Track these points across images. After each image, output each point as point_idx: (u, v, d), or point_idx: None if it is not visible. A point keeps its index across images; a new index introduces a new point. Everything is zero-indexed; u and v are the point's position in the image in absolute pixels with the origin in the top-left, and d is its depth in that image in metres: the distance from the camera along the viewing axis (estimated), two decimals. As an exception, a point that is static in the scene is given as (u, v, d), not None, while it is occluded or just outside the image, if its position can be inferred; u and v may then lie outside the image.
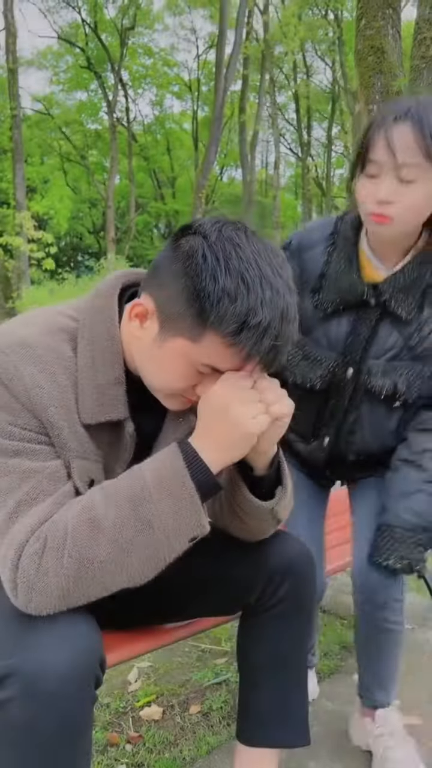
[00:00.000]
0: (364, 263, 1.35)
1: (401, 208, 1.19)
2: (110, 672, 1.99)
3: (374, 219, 1.22)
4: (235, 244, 0.89)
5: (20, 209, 13.19)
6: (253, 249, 0.90)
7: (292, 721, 1.24)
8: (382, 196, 1.18)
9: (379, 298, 1.32)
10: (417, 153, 1.14)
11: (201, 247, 0.89)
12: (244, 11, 15.64)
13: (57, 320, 1.03)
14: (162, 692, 1.89)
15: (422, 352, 1.34)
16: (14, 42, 15.70)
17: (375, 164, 1.19)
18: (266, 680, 1.23)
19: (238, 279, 0.86)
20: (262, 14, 19.31)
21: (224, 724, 1.73)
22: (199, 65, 27.02)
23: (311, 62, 26.18)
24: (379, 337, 1.35)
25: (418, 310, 1.31)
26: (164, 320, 0.94)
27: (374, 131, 1.18)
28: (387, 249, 1.33)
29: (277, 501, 1.08)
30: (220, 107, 14.64)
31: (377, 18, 3.95)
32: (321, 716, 1.75)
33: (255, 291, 0.87)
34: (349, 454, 1.49)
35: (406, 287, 1.30)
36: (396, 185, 1.18)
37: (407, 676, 1.95)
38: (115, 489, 0.92)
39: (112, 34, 23.32)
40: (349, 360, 1.37)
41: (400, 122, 1.15)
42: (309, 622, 1.25)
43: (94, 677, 0.89)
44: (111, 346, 1.01)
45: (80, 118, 27.25)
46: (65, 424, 0.97)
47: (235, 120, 20.36)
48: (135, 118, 29.07)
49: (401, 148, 1.15)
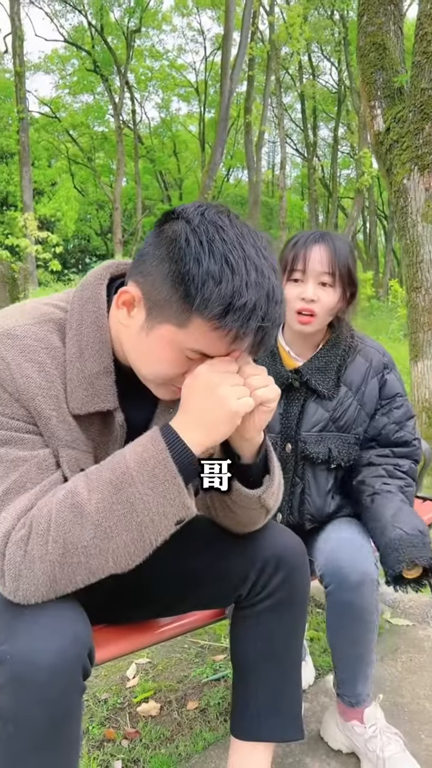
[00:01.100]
0: (284, 355, 1.62)
1: (321, 306, 1.51)
2: (108, 667, 2.00)
3: (301, 319, 1.52)
4: (218, 226, 0.88)
5: (27, 211, 13.26)
6: (237, 231, 0.89)
7: (286, 715, 1.23)
8: (309, 294, 1.50)
9: (302, 380, 1.56)
10: (330, 265, 1.50)
11: (184, 231, 0.88)
12: (250, 12, 15.63)
13: (45, 310, 1.03)
14: (160, 688, 1.88)
15: (345, 423, 1.57)
16: (21, 46, 15.78)
17: (299, 272, 1.52)
18: (259, 674, 1.22)
19: (222, 261, 0.86)
20: (267, 15, 19.32)
21: (221, 720, 1.72)
22: (206, 67, 27.09)
23: (317, 62, 26.18)
24: (307, 413, 1.57)
25: (336, 387, 1.57)
26: (151, 307, 0.93)
27: (299, 248, 1.52)
28: (304, 345, 1.61)
29: (265, 489, 1.08)
30: (226, 108, 14.64)
31: (379, 14, 3.93)
32: (319, 713, 1.74)
33: (239, 273, 0.86)
34: (305, 523, 1.60)
35: (322, 368, 1.57)
36: (317, 288, 1.51)
37: (408, 675, 1.94)
38: (98, 474, 0.92)
39: (118, 36, 23.42)
40: (286, 436, 1.58)
41: (318, 243, 1.52)
42: (302, 614, 1.24)
43: (81, 667, 0.88)
44: (99, 335, 1.01)
45: (87, 121, 27.35)
46: (54, 414, 0.97)
47: (242, 121, 20.37)
48: (141, 120, 29.19)
49: (321, 261, 1.50)
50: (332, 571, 1.43)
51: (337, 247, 1.52)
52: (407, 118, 3.86)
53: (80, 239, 30.91)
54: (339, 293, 1.53)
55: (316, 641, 2.13)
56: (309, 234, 1.55)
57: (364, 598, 1.41)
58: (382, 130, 4.08)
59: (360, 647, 1.48)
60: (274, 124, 23.33)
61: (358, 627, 1.45)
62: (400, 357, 4.41)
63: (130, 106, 25.00)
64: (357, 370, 1.59)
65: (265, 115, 20.33)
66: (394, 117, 3.96)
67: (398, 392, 1.61)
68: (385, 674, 1.93)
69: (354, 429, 1.59)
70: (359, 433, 1.60)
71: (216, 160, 14.85)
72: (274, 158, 34.10)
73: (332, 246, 1.52)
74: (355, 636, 1.46)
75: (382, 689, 1.84)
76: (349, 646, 1.48)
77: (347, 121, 24.60)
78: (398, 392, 1.61)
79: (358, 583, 1.40)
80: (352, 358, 1.59)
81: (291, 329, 1.59)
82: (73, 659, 0.86)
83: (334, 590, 1.43)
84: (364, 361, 1.60)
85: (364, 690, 1.53)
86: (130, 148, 24.59)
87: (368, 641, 1.48)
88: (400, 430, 1.60)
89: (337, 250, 1.52)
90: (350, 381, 1.58)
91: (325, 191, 27.81)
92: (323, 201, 28.42)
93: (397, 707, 1.77)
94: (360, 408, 1.58)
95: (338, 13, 21.03)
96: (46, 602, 0.89)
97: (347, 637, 1.47)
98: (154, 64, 26.80)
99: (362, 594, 1.41)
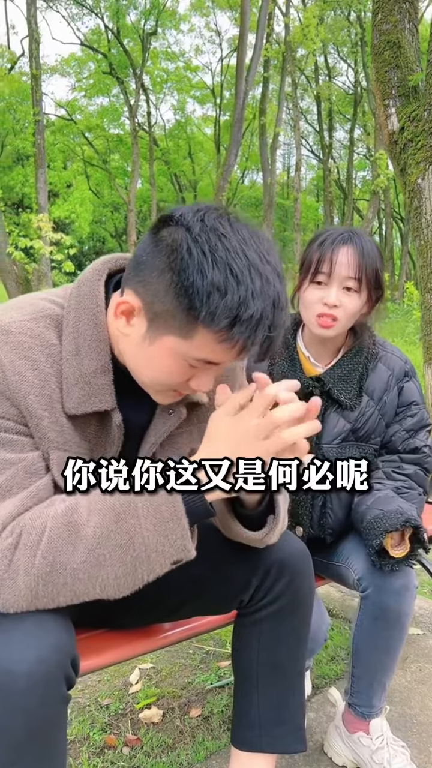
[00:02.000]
0: (303, 361, 1.55)
1: (345, 311, 1.43)
2: (111, 672, 1.97)
3: (321, 321, 1.44)
4: (219, 234, 0.84)
5: (42, 213, 13.33)
6: (239, 237, 0.85)
7: (288, 725, 1.19)
8: (332, 299, 1.41)
9: (323, 388, 1.49)
10: (357, 270, 1.42)
11: (185, 240, 0.84)
12: (265, 14, 15.58)
13: (42, 306, 0.99)
14: (163, 694, 1.85)
15: (365, 434, 1.52)
16: (37, 48, 15.85)
17: (324, 275, 1.42)
18: (261, 682, 1.19)
19: (227, 271, 0.82)
20: (283, 17, 19.27)
21: (224, 728, 1.68)
22: (222, 69, 27.08)
23: (334, 64, 26.07)
24: (328, 424, 1.50)
25: (358, 396, 1.50)
26: (152, 318, 0.90)
27: (326, 249, 1.43)
28: (323, 350, 1.55)
29: (267, 531, 1.06)
30: (241, 110, 14.60)
31: (393, 12, 3.87)
32: (324, 723, 1.69)
33: (245, 282, 0.82)
34: (326, 537, 1.57)
35: (344, 376, 1.50)
36: (341, 293, 1.42)
37: (417, 686, 1.89)
38: (102, 495, 0.89)
39: (134, 39, 23.50)
40: None
41: (346, 244, 1.42)
42: (306, 621, 1.20)
43: (63, 676, 0.85)
44: (96, 333, 0.97)
45: (102, 124, 27.48)
46: (46, 414, 0.94)
47: (257, 123, 20.33)
48: (156, 122, 29.25)
49: (348, 264, 1.41)
50: (373, 574, 1.39)
51: (365, 249, 1.43)
52: (422, 116, 3.79)
53: (95, 241, 31.08)
54: (364, 298, 1.46)
55: (323, 649, 2.09)
56: (336, 234, 1.45)
57: (403, 604, 1.39)
58: (396, 129, 4.02)
59: (388, 656, 1.45)
60: (290, 126, 23.28)
61: (391, 634, 1.42)
62: (416, 360, 4.33)
63: (145, 108, 25.11)
64: (379, 379, 1.53)
65: (280, 117, 20.27)
66: (408, 116, 3.89)
67: (414, 400, 1.56)
68: (394, 684, 1.88)
69: (373, 439, 1.54)
70: (377, 443, 1.55)
71: (230, 162, 14.81)
72: (289, 160, 34.05)
73: (360, 248, 1.43)
74: (386, 643, 1.44)
75: (390, 700, 1.79)
76: (378, 654, 1.45)
77: (363, 122, 24.46)
78: (414, 400, 1.56)
79: (401, 588, 1.38)
80: (373, 366, 1.53)
81: (311, 332, 1.52)
82: (53, 668, 0.83)
83: (373, 594, 1.40)
84: (387, 369, 1.54)
85: (379, 702, 1.49)
86: (145, 150, 24.65)
87: (397, 650, 1.46)
88: (410, 438, 1.55)
89: (365, 252, 1.43)
90: (372, 390, 1.52)
91: (341, 193, 27.67)
92: (338, 203, 28.26)
93: (405, 719, 1.73)
94: (381, 418, 1.53)
95: (355, 14, 20.91)
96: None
97: (378, 644, 1.44)
98: (169, 66, 26.87)
99: (403, 599, 1.39)
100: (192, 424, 1.12)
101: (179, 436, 1.11)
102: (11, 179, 25.04)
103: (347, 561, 1.50)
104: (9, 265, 11.19)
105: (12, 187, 24.82)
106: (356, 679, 1.49)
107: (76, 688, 1.89)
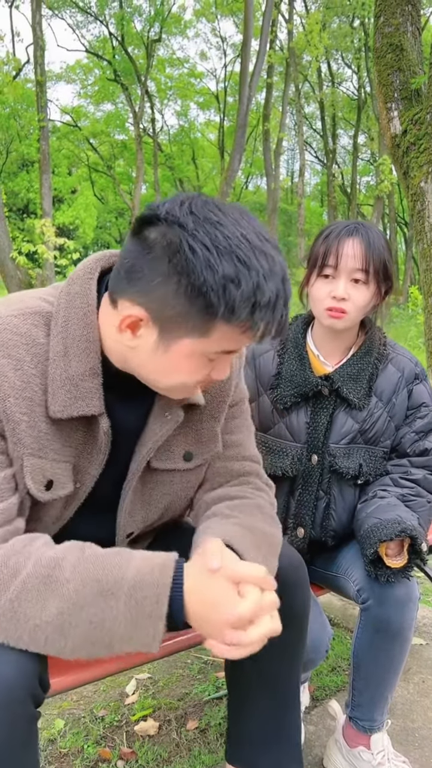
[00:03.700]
0: (313, 359, 1.52)
1: (354, 303, 1.41)
2: (108, 683, 1.93)
3: (332, 313, 1.41)
4: (214, 223, 0.81)
5: (46, 218, 13.36)
6: (232, 220, 0.83)
7: (284, 743, 1.15)
8: (340, 292, 1.39)
9: (332, 387, 1.47)
10: (364, 261, 1.39)
11: (183, 238, 0.80)
12: (269, 20, 15.62)
13: (31, 303, 0.96)
14: (159, 706, 1.81)
15: (373, 436, 1.49)
16: (42, 55, 15.93)
17: (331, 268, 1.41)
18: (255, 699, 1.15)
19: (234, 260, 0.80)
20: (286, 23, 19.32)
21: (221, 742, 1.64)
22: (227, 76, 27.17)
23: (337, 69, 26.10)
24: (336, 424, 1.48)
25: (367, 396, 1.48)
26: (163, 324, 0.86)
27: (331, 241, 1.41)
28: (333, 348, 1.52)
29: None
30: (244, 115, 14.62)
31: (396, 15, 3.85)
32: (324, 737, 1.65)
33: (254, 267, 0.81)
34: (328, 540, 1.54)
35: (353, 375, 1.48)
36: (349, 285, 1.40)
37: (420, 698, 1.84)
38: (94, 560, 0.85)
39: (139, 46, 23.60)
40: (312, 447, 1.49)
41: (352, 236, 1.40)
42: (301, 635, 1.16)
43: (29, 695, 0.82)
44: (87, 333, 0.93)
45: (107, 130, 27.59)
46: (24, 418, 0.90)
47: (261, 129, 20.36)
48: (161, 128, 29.36)
49: (354, 256, 1.39)
50: (373, 585, 1.36)
51: (371, 240, 1.40)
52: (425, 120, 3.77)
53: (99, 246, 31.13)
54: (373, 290, 1.43)
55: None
56: (342, 226, 1.43)
57: (405, 616, 1.35)
58: (398, 132, 3.99)
59: (390, 669, 1.40)
60: (294, 132, 23.30)
61: (393, 646, 1.38)
62: (417, 364, 4.30)
63: (150, 114, 25.17)
64: (388, 380, 1.50)
65: (283, 122, 20.31)
66: (411, 119, 3.87)
67: (424, 402, 1.52)
68: (396, 696, 1.83)
69: (382, 442, 1.51)
70: (387, 446, 1.52)
71: (234, 167, 14.82)
72: (293, 165, 34.07)
73: (367, 239, 1.40)
74: (388, 656, 1.39)
75: (392, 713, 1.74)
76: (379, 667, 1.40)
77: (367, 127, 24.47)
78: (424, 402, 1.52)
79: (402, 599, 1.34)
80: (383, 367, 1.51)
81: (321, 326, 1.50)
82: (17, 687, 0.80)
83: (373, 606, 1.36)
84: (396, 371, 1.51)
85: (381, 716, 1.45)
86: (149, 156, 24.72)
87: (399, 663, 1.41)
88: (420, 440, 1.51)
89: (371, 243, 1.40)
90: (381, 391, 1.49)
91: (345, 198, 27.65)
92: (342, 208, 28.24)
93: (407, 732, 1.68)
94: (389, 420, 1.50)
95: (359, 20, 20.95)
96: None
97: (379, 656, 1.39)
98: (173, 72, 26.98)
99: (405, 611, 1.35)
100: (187, 426, 1.09)
101: (174, 438, 1.08)
102: (16, 185, 25.14)
103: (347, 572, 1.46)
104: (13, 269, 11.21)
105: (17, 193, 24.92)
106: (357, 692, 1.45)
107: (71, 699, 1.85)
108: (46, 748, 1.63)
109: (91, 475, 1.01)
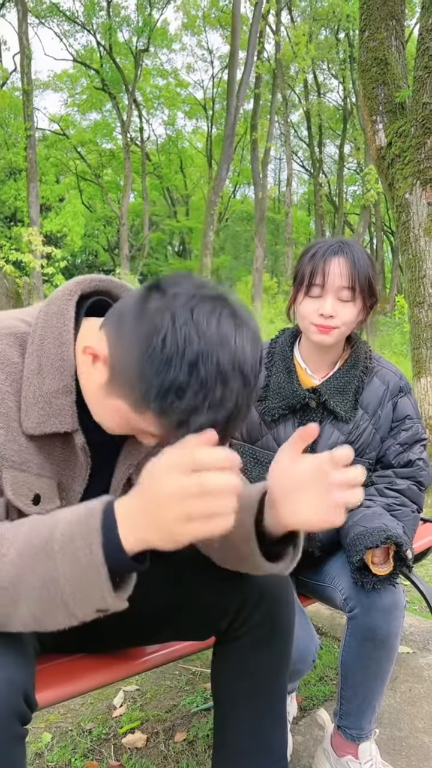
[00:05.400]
0: (300, 372, 1.56)
1: (341, 320, 1.45)
2: (95, 695, 1.92)
3: (320, 329, 1.45)
4: (201, 332, 0.79)
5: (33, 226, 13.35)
6: (222, 335, 0.81)
7: (270, 756, 1.15)
8: (328, 310, 1.43)
9: (320, 399, 1.50)
10: (350, 280, 1.43)
11: (166, 328, 0.79)
12: (256, 32, 15.81)
13: (7, 324, 0.97)
14: (147, 718, 1.80)
15: (359, 448, 1.51)
16: (29, 64, 15.99)
17: (318, 287, 1.44)
18: (242, 712, 1.15)
19: (192, 373, 0.78)
20: (273, 34, 19.54)
21: (209, 754, 1.64)
22: (214, 85, 27.37)
23: (323, 80, 26.40)
24: (323, 436, 1.50)
25: (353, 409, 1.51)
26: (112, 376, 0.87)
27: (318, 260, 1.44)
28: (320, 361, 1.55)
29: (288, 564, 1.01)
30: (232, 125, 14.75)
31: (380, 29, 3.92)
32: (312, 747, 1.65)
33: (204, 390, 0.79)
34: (315, 551, 1.54)
35: (340, 388, 1.51)
36: (336, 303, 1.44)
37: (407, 707, 1.85)
38: (28, 528, 0.83)
39: (127, 56, 23.74)
40: None
41: (338, 255, 1.44)
42: (286, 650, 1.16)
43: (14, 714, 0.82)
44: (61, 352, 0.94)
45: (95, 138, 27.66)
46: (1, 432, 0.91)
47: (248, 138, 20.51)
48: (149, 137, 29.48)
49: (341, 275, 1.43)
50: (360, 594, 1.37)
51: (356, 258, 1.45)
52: (409, 132, 3.83)
53: (88, 254, 31.11)
54: (359, 306, 1.47)
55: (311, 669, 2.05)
56: (327, 245, 1.47)
57: (391, 624, 1.36)
58: (383, 144, 4.05)
59: (377, 677, 1.42)
60: (281, 141, 23.50)
61: (380, 654, 1.39)
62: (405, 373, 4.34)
63: (137, 124, 25.29)
64: (374, 393, 1.53)
65: (271, 132, 20.48)
66: (395, 131, 3.93)
67: (408, 414, 1.56)
68: (383, 706, 1.84)
69: (368, 454, 1.53)
70: (372, 458, 1.54)
71: (222, 176, 14.93)
72: (280, 175, 34.33)
73: (352, 258, 1.44)
74: (376, 664, 1.40)
75: (379, 721, 1.75)
76: (367, 675, 1.41)
77: (353, 137, 24.74)
78: (408, 414, 1.56)
79: (389, 607, 1.35)
80: (369, 380, 1.54)
81: (309, 341, 1.53)
82: (1, 707, 0.79)
83: (360, 614, 1.37)
84: (381, 384, 1.54)
85: (369, 724, 1.46)
86: (137, 165, 24.81)
87: (387, 671, 1.42)
88: (404, 451, 1.54)
89: (356, 261, 1.44)
90: (367, 404, 1.52)
91: (332, 207, 27.90)
92: (330, 217, 28.49)
93: (394, 741, 1.69)
94: (375, 432, 1.53)
95: (344, 32, 21.23)
96: None
97: (367, 665, 1.40)
98: (160, 82, 27.13)
99: (391, 619, 1.36)
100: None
101: (153, 452, 1.08)
102: (3, 193, 25.08)
103: (333, 581, 1.47)
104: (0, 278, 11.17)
105: (4, 201, 24.85)
106: (345, 701, 1.46)
107: (59, 712, 1.84)
108: (33, 761, 1.62)
109: (76, 491, 1.01)
